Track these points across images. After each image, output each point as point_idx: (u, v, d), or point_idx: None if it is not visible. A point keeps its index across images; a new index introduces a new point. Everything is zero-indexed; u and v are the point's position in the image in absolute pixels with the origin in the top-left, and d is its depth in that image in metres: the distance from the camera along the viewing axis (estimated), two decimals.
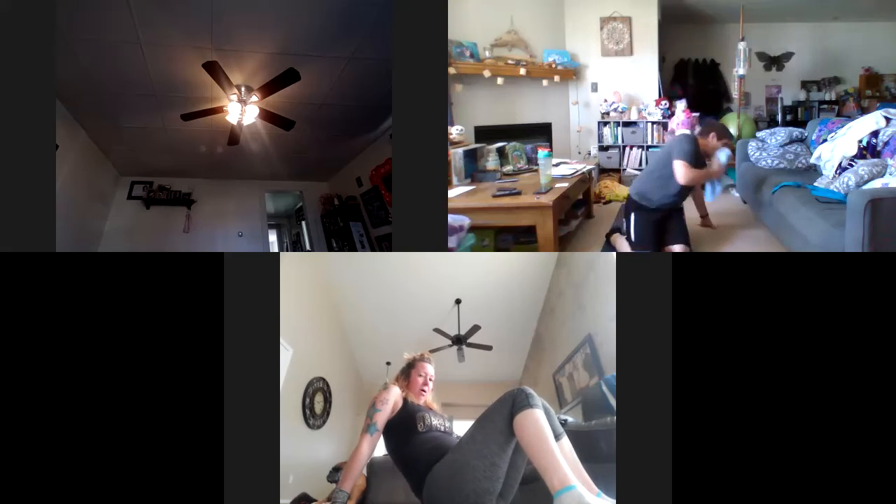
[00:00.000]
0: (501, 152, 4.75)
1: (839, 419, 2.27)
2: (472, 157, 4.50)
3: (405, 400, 2.20)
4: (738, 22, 5.60)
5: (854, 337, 2.29)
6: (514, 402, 1.86)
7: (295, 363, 3.10)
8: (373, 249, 5.25)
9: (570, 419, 2.49)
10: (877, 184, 3.21)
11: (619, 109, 6.00)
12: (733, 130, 5.90)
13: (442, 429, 2.18)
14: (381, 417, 2.12)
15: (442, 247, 2.55)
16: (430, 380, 2.32)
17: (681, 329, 2.32)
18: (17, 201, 2.46)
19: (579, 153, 6.13)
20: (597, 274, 2.97)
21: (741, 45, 5.49)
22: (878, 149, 3.58)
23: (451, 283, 3.91)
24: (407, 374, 2.30)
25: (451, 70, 4.93)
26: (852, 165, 3.59)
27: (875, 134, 3.68)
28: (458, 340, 4.18)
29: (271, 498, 2.29)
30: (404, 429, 2.13)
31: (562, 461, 1.75)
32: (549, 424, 1.83)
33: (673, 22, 6.16)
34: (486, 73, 5.31)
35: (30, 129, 2.48)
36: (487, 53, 5.54)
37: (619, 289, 2.36)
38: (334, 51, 3.38)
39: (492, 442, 1.87)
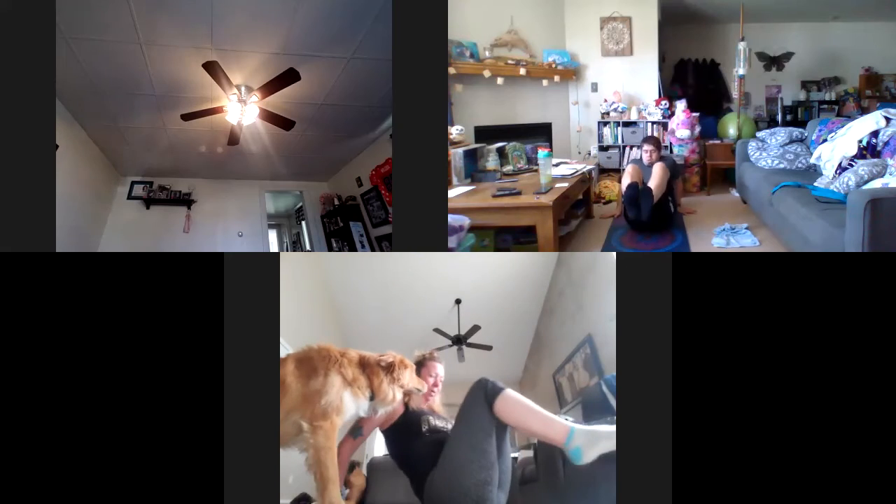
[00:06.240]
0: (501, 152, 4.75)
1: (839, 419, 2.27)
2: (472, 157, 4.50)
3: (406, 406, 2.17)
4: (738, 22, 5.59)
5: (854, 337, 2.29)
6: (486, 392, 1.91)
7: None
8: (373, 249, 5.24)
9: (570, 419, 2.48)
10: (877, 184, 3.21)
11: (619, 109, 5.99)
12: (733, 131, 5.91)
13: (445, 429, 2.17)
14: (369, 424, 2.13)
15: (442, 247, 2.54)
16: (440, 381, 2.29)
17: (681, 329, 2.32)
18: (17, 201, 2.46)
19: (579, 153, 6.12)
20: (597, 274, 2.97)
21: (741, 45, 5.49)
22: (878, 149, 3.58)
23: (451, 283, 3.90)
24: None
25: (451, 70, 4.93)
26: (852, 165, 3.59)
27: (875, 134, 3.67)
28: (458, 340, 4.18)
29: (271, 498, 2.29)
30: (409, 432, 2.13)
31: (552, 416, 1.82)
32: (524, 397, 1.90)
33: (673, 22, 6.14)
34: (486, 73, 5.31)
35: (30, 129, 2.48)
36: (487, 53, 5.53)
37: (619, 289, 2.35)
38: (334, 51, 3.37)
39: (477, 431, 1.90)
